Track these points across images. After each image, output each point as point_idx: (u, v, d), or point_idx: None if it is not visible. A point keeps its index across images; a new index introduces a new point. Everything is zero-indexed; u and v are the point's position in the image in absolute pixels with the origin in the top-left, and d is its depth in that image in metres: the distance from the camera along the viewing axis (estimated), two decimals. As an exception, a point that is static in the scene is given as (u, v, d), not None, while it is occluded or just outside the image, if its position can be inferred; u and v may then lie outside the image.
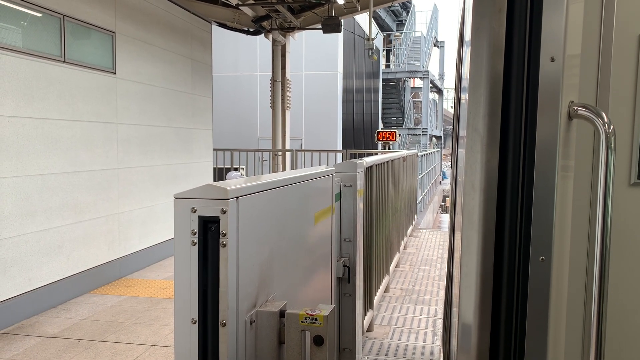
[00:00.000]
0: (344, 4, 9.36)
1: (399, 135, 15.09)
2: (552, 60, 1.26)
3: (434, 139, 35.98)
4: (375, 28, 20.62)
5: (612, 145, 1.22)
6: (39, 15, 5.09)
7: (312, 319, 1.86)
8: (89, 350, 4.25)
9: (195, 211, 1.65)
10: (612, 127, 1.23)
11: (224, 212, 1.63)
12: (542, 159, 1.27)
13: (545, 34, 1.26)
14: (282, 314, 1.90)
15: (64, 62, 5.38)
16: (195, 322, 1.67)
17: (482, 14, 1.29)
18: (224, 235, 1.63)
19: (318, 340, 1.86)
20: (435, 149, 24.68)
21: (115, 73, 6.27)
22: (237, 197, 1.69)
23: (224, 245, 1.64)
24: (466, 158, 1.32)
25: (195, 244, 1.65)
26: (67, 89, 5.44)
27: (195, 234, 1.65)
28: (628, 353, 1.42)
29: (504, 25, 1.29)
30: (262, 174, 11.29)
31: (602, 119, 1.23)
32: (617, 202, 1.40)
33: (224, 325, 1.65)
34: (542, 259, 1.28)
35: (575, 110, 1.28)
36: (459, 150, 1.81)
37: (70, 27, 5.49)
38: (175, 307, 1.69)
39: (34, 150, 5.00)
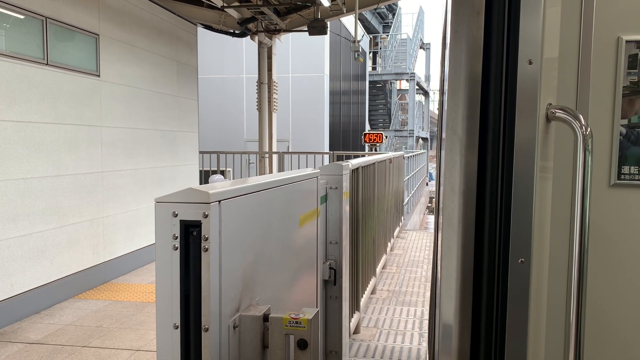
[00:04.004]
0: (329, 6, 9.37)
1: (386, 137, 15.14)
2: (530, 63, 1.27)
3: (420, 140, 36.13)
4: (361, 30, 20.68)
5: (590, 147, 1.23)
6: (21, 17, 5.04)
7: (296, 322, 1.85)
8: (72, 356, 4.20)
9: (176, 215, 1.63)
10: (589, 129, 1.24)
11: (205, 216, 1.62)
12: (520, 161, 1.28)
13: (523, 37, 1.27)
14: (265, 318, 1.89)
15: (47, 64, 5.32)
16: (177, 327, 1.65)
17: (461, 16, 1.29)
18: (206, 239, 1.62)
19: (302, 344, 1.86)
20: (422, 151, 24.77)
21: (99, 75, 6.22)
22: (219, 201, 1.68)
23: (206, 250, 1.63)
24: (445, 160, 1.33)
25: (176, 249, 1.64)
26: (50, 92, 5.38)
27: (176, 238, 1.63)
28: (606, 353, 1.43)
29: (482, 27, 1.30)
30: (249, 176, 11.26)
31: (580, 121, 1.24)
32: (598, 204, 1.41)
33: (207, 330, 1.63)
34: (522, 261, 1.28)
35: (553, 113, 1.29)
36: (442, 152, 1.82)
37: (53, 29, 5.44)
38: (157, 313, 1.67)
39: (16, 154, 4.93)
